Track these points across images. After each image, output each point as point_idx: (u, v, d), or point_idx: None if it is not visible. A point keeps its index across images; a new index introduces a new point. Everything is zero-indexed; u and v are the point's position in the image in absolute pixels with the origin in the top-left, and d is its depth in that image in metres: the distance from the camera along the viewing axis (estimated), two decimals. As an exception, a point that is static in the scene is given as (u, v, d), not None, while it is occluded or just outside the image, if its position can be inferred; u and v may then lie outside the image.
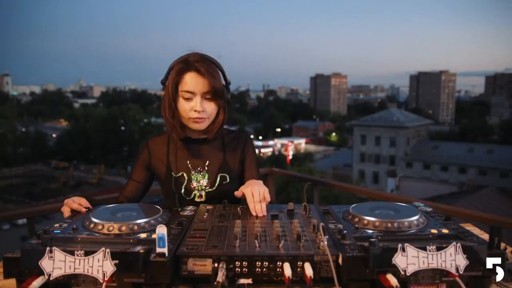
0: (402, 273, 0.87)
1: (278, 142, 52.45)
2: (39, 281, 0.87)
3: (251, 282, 0.94)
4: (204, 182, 1.55)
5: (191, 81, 1.44)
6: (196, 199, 1.54)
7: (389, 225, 1.08)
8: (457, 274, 0.88)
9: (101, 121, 47.46)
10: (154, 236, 0.94)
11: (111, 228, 1.05)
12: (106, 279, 0.85)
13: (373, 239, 0.91)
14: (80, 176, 40.58)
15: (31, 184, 36.84)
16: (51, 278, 0.86)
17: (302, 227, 1.12)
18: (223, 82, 1.51)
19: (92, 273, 0.86)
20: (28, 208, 2.12)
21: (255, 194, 1.29)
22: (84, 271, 0.86)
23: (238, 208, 1.30)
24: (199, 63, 1.43)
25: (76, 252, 0.87)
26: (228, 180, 1.57)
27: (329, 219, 1.19)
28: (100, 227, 1.06)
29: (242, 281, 0.94)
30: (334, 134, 63.13)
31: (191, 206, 1.36)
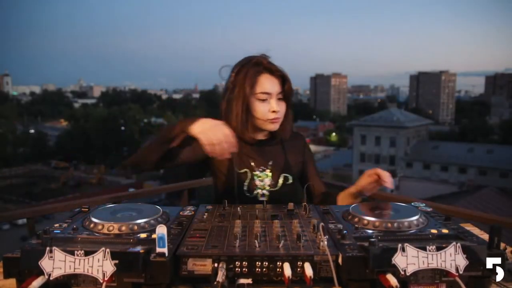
0: (402, 273, 0.87)
1: (278, 142, 52.32)
2: (39, 281, 0.87)
3: (251, 282, 0.94)
4: (267, 181, 1.56)
5: (267, 83, 1.46)
6: (259, 198, 1.54)
7: (389, 225, 1.08)
8: (457, 274, 0.88)
9: (101, 121, 47.49)
10: (154, 236, 0.94)
11: (111, 228, 1.05)
12: (106, 279, 0.86)
13: (373, 239, 0.92)
14: (80, 176, 40.63)
15: (31, 184, 36.87)
16: (51, 278, 0.86)
17: (302, 227, 1.12)
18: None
19: (92, 273, 0.86)
20: (28, 208, 2.12)
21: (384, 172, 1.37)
22: (84, 271, 0.86)
23: (238, 208, 1.30)
24: (271, 64, 1.46)
25: (76, 252, 0.87)
26: (290, 180, 1.59)
27: (329, 219, 1.19)
28: (100, 227, 1.06)
29: (242, 281, 0.94)
30: (334, 134, 63.15)
31: (190, 206, 1.36)
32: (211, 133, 1.21)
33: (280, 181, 1.57)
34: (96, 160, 43.73)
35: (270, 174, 1.57)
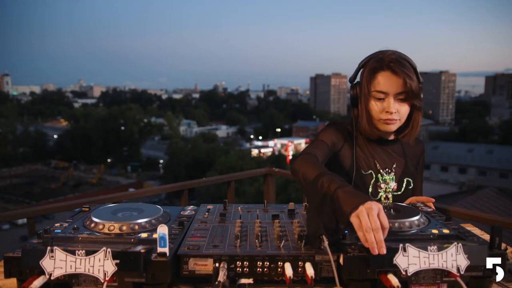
0: (403, 273, 0.87)
1: (278, 142, 52.39)
2: (40, 280, 0.87)
3: (252, 282, 0.94)
4: (392, 184, 1.51)
5: (385, 81, 1.37)
6: (383, 202, 1.45)
7: (390, 225, 1.07)
8: (458, 274, 0.88)
9: (101, 121, 47.43)
10: (155, 235, 0.94)
11: (112, 228, 1.05)
12: (107, 278, 0.85)
13: (374, 239, 0.91)
14: (80, 176, 40.62)
15: (31, 184, 36.86)
16: (52, 278, 0.86)
17: (303, 227, 1.12)
18: (418, 83, 1.40)
19: (93, 273, 0.86)
20: (28, 208, 2.12)
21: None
22: (85, 271, 0.86)
23: (239, 208, 1.30)
24: (393, 62, 1.35)
25: (77, 251, 0.87)
26: (411, 185, 1.55)
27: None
28: (101, 226, 1.06)
29: (243, 281, 0.94)
30: (334, 134, 62.78)
31: (191, 206, 1.36)
32: (368, 217, 0.91)
33: (404, 185, 1.53)
34: (96, 160, 43.69)
35: (394, 177, 1.52)
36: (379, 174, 1.51)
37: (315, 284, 0.89)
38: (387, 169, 1.52)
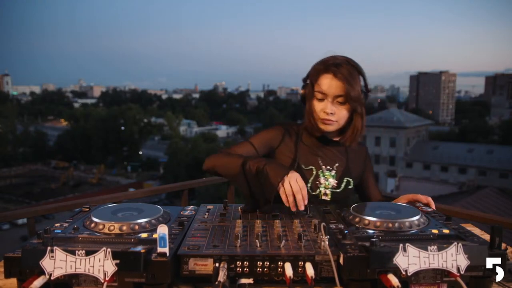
0: (403, 273, 0.87)
1: (278, 142, 52.26)
2: (40, 280, 0.87)
3: (252, 282, 0.94)
4: (332, 181, 1.56)
5: (325, 83, 1.45)
6: (321, 197, 1.55)
7: (390, 225, 1.08)
8: (458, 274, 0.88)
9: (101, 121, 47.43)
10: (155, 235, 0.94)
11: (112, 228, 1.05)
12: (107, 279, 0.85)
13: (374, 239, 0.91)
14: (80, 176, 40.63)
15: (31, 184, 36.87)
16: (52, 278, 0.86)
17: (303, 227, 1.12)
18: (362, 88, 1.49)
19: (93, 273, 0.86)
20: (28, 208, 2.12)
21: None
22: (85, 271, 0.86)
23: (239, 208, 1.30)
24: (337, 66, 1.43)
25: (77, 251, 0.87)
26: (351, 185, 1.60)
27: (330, 219, 1.19)
28: (101, 226, 1.06)
29: (243, 281, 0.94)
30: (334, 134, 62.81)
31: (191, 206, 1.36)
32: (288, 185, 1.22)
33: (343, 184, 1.58)
34: (96, 160, 43.69)
35: (335, 174, 1.57)
36: (320, 171, 1.56)
37: (315, 284, 0.89)
38: (328, 167, 1.58)
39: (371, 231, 1.06)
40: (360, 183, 1.68)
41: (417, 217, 1.11)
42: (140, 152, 47.06)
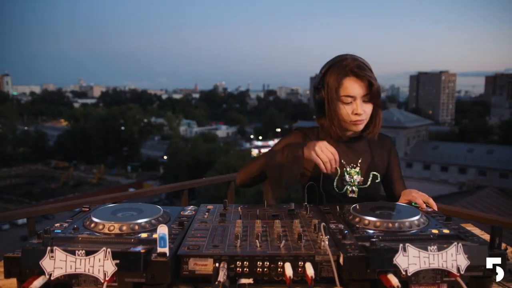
0: (403, 273, 0.87)
1: (278, 142, 52.27)
2: (40, 281, 0.87)
3: (252, 282, 0.94)
4: (357, 178, 1.58)
5: (351, 86, 1.46)
6: (348, 194, 1.57)
7: (390, 225, 1.08)
8: (458, 274, 0.88)
9: (101, 121, 47.40)
10: (155, 235, 0.94)
11: (112, 228, 1.05)
12: (107, 279, 0.85)
13: (374, 239, 0.91)
14: (80, 176, 40.62)
15: (31, 184, 36.86)
16: (52, 278, 0.86)
17: (303, 227, 1.12)
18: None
19: (93, 273, 0.86)
20: (28, 208, 2.12)
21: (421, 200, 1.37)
22: (85, 271, 0.86)
23: (239, 208, 1.30)
24: (356, 67, 1.46)
25: (77, 252, 0.87)
26: (378, 179, 1.61)
27: (330, 219, 1.19)
28: (101, 226, 1.06)
29: (243, 281, 0.94)
30: (334, 134, 62.70)
31: (191, 206, 1.36)
32: (322, 153, 1.32)
33: (370, 179, 1.60)
34: (96, 160, 43.68)
35: (359, 171, 1.59)
36: (344, 169, 1.58)
37: (315, 284, 0.89)
38: (352, 164, 1.60)
39: (371, 231, 1.06)
40: (385, 176, 1.67)
41: (417, 217, 1.11)
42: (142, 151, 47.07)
